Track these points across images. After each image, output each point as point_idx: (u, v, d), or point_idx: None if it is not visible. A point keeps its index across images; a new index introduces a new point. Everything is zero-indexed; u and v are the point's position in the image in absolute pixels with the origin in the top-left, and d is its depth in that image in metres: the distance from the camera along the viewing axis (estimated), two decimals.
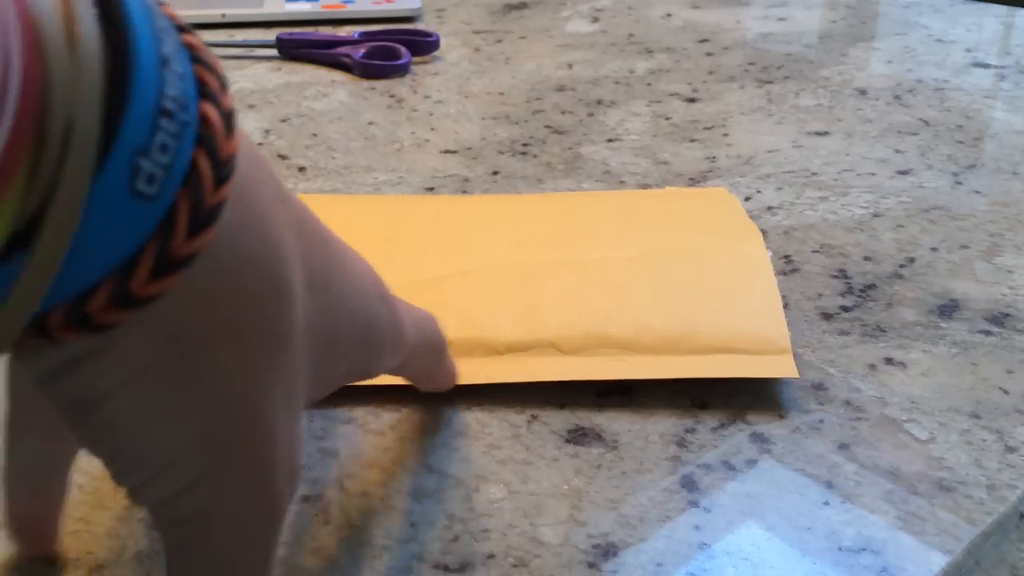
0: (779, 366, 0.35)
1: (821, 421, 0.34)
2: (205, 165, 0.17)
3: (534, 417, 0.34)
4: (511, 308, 0.38)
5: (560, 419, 0.34)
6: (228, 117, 0.18)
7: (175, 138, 0.16)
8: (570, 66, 0.72)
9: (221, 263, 0.18)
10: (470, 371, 0.35)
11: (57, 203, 0.15)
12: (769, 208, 0.50)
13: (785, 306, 0.41)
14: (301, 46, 0.75)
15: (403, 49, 0.72)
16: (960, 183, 0.52)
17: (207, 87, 0.17)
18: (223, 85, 0.18)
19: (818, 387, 0.36)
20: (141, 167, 0.16)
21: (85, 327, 0.17)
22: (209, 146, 0.17)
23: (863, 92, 0.66)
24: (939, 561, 0.28)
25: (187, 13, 0.81)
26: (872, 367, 0.37)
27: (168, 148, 0.16)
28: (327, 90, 0.69)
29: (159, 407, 0.19)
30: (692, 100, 0.65)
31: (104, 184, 0.16)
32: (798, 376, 0.35)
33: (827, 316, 0.40)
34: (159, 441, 0.19)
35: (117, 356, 0.18)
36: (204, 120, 0.17)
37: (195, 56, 0.18)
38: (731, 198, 0.48)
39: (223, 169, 0.17)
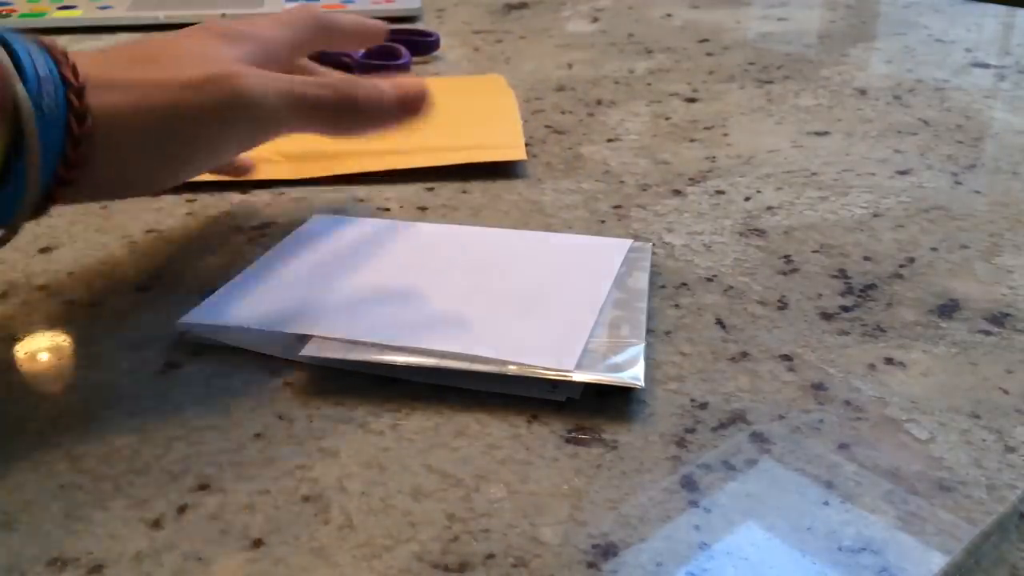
0: (509, 152, 0.54)
1: (821, 421, 0.34)
2: (73, 95, 0.34)
3: (534, 417, 0.34)
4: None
5: (560, 419, 0.34)
6: (74, 69, 0.34)
7: (54, 89, 0.33)
8: (570, 66, 0.72)
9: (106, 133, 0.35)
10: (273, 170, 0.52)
11: (25, 127, 0.32)
12: (769, 208, 0.50)
13: (785, 306, 0.41)
14: None
15: (403, 49, 0.72)
16: (960, 183, 0.52)
17: (59, 62, 0.34)
18: (66, 55, 0.35)
19: (818, 387, 0.36)
20: (40, 104, 0.33)
21: (65, 184, 0.35)
22: (69, 84, 0.34)
23: (863, 92, 0.66)
24: (939, 561, 0.28)
25: (187, 13, 0.81)
26: (872, 367, 0.37)
27: (51, 94, 0.33)
28: None
29: (141, 166, 0.37)
30: (692, 100, 0.65)
31: None
32: (526, 158, 0.49)
33: (827, 316, 0.40)
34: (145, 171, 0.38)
35: (94, 183, 0.37)
36: (63, 76, 0.34)
37: (47, 47, 0.35)
38: (502, 83, 0.67)
39: (81, 95, 0.34)
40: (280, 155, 0.55)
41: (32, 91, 0.33)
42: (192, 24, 0.44)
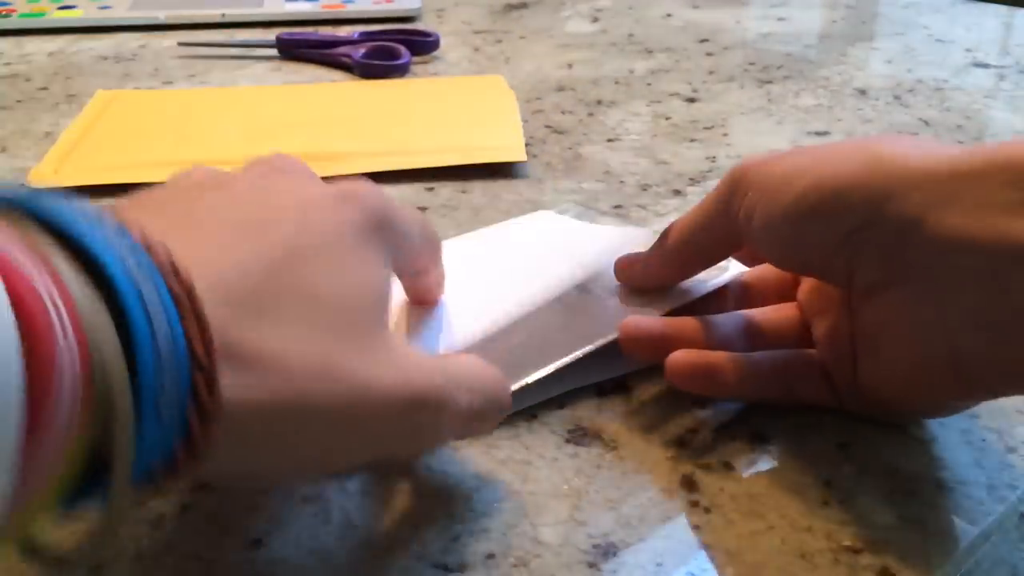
0: (509, 154, 0.54)
1: (821, 421, 0.34)
2: (202, 382, 0.21)
3: (534, 417, 0.34)
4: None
5: (560, 419, 0.34)
6: (199, 317, 0.21)
7: (176, 368, 0.20)
8: (570, 66, 0.72)
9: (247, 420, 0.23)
10: None
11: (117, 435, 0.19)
12: None
13: None
14: (301, 46, 0.74)
15: (403, 49, 0.72)
16: None
17: (182, 313, 0.21)
18: (191, 293, 0.21)
19: None
20: (161, 412, 0.20)
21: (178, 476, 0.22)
22: (197, 361, 0.21)
23: (863, 92, 0.66)
24: (939, 561, 0.28)
25: (187, 13, 0.81)
26: None
27: (172, 382, 0.20)
28: None
29: (278, 458, 0.25)
30: (692, 100, 0.65)
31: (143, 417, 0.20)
32: (526, 159, 0.51)
33: None
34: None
35: (232, 457, 0.23)
36: (191, 350, 0.21)
37: (160, 266, 0.21)
38: (502, 83, 0.67)
39: (213, 385, 0.21)
40: None
41: (147, 378, 0.20)
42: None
